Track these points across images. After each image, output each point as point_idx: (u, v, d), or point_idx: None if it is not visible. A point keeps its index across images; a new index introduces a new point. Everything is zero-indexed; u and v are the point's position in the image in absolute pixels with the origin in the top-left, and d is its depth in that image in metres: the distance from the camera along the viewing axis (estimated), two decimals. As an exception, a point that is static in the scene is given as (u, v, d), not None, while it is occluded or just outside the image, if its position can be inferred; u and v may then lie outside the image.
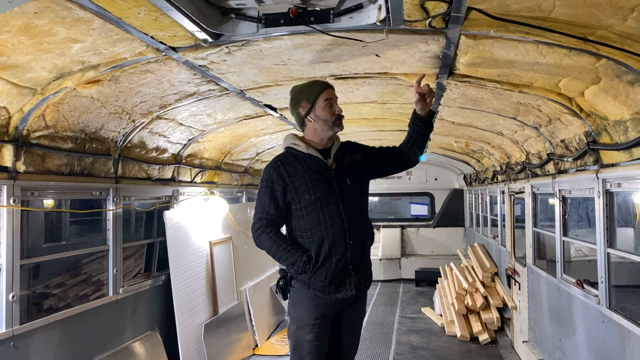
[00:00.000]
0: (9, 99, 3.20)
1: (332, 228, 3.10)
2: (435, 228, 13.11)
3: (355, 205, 3.22)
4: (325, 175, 3.16)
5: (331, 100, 3.18)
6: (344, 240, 3.10)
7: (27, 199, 3.76)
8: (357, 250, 3.17)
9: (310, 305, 3.16)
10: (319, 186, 3.12)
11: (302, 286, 3.18)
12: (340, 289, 3.14)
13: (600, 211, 3.85)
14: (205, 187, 6.73)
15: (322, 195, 3.11)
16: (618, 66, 2.77)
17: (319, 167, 3.18)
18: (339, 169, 3.22)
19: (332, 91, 3.23)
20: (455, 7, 2.44)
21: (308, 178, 3.13)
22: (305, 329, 3.17)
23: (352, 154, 3.36)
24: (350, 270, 3.15)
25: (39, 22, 2.48)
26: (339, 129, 3.23)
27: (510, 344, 7.40)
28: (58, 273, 4.87)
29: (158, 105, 4.27)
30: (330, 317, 3.24)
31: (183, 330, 5.55)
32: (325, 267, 3.09)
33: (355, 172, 3.29)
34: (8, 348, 3.51)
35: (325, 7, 2.73)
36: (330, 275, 3.10)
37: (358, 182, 3.29)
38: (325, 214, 3.10)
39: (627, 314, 3.55)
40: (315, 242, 3.10)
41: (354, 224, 3.16)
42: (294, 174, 3.14)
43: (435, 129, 6.62)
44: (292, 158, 3.21)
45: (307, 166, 3.17)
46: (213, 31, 2.85)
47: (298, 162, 3.19)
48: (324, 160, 3.21)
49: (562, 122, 4.11)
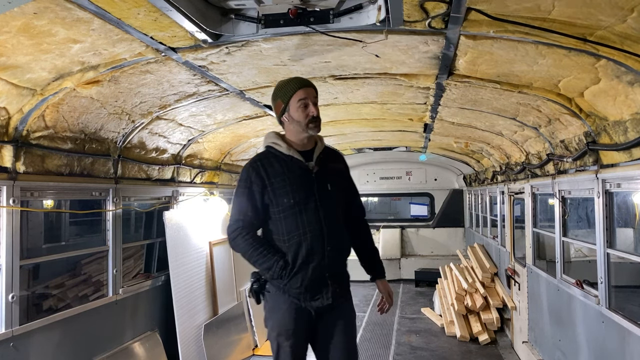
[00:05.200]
0: (8, 99, 3.20)
1: (311, 233, 2.98)
2: (435, 228, 13.10)
3: (335, 213, 3.11)
4: (305, 179, 3.04)
5: (306, 100, 3.01)
6: (321, 246, 2.99)
7: (26, 200, 3.76)
8: (335, 258, 3.06)
9: (288, 311, 3.06)
10: (298, 189, 3.00)
11: (278, 291, 3.07)
12: (316, 296, 3.04)
13: (599, 211, 3.85)
14: (205, 187, 6.72)
15: (302, 199, 2.99)
16: (617, 66, 2.77)
17: (300, 170, 3.05)
18: (321, 173, 3.09)
19: (309, 90, 3.05)
20: (455, 8, 2.44)
21: (288, 180, 3.01)
22: (285, 335, 3.07)
23: (336, 162, 3.25)
24: (327, 278, 3.04)
25: (39, 22, 2.48)
26: (313, 132, 3.06)
27: (510, 344, 7.40)
28: (58, 273, 4.86)
29: (158, 105, 4.27)
30: (310, 322, 3.12)
31: (183, 330, 5.54)
32: (302, 273, 2.98)
33: (337, 179, 3.18)
34: (7, 349, 3.51)
35: (325, 8, 2.73)
36: (307, 282, 3.00)
37: (339, 190, 3.17)
38: (304, 218, 2.99)
39: (626, 314, 3.55)
40: (293, 247, 2.99)
41: (333, 231, 3.05)
42: (273, 176, 3.02)
43: (435, 130, 6.63)
44: (272, 158, 3.08)
45: (288, 168, 3.04)
46: (213, 32, 2.85)
47: (278, 162, 3.05)
48: (305, 163, 3.07)
49: (562, 122, 4.11)
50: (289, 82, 3.08)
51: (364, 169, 13.06)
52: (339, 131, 7.21)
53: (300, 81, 3.07)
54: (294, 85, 3.04)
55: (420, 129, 6.82)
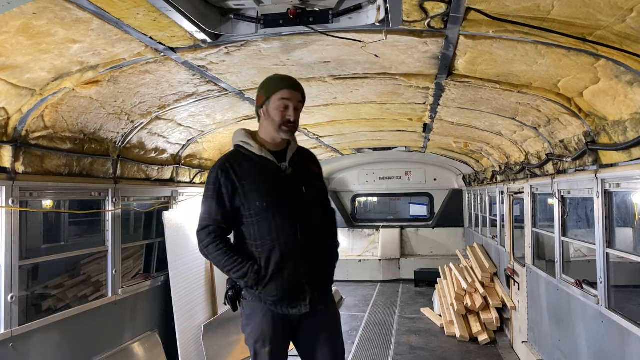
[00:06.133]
0: (7, 99, 3.20)
1: (284, 238, 2.83)
2: (435, 228, 13.11)
3: (311, 216, 2.94)
4: (278, 181, 2.90)
5: (288, 101, 2.86)
6: (296, 252, 2.85)
7: (26, 200, 3.76)
8: (313, 263, 2.91)
9: (265, 318, 2.91)
10: (270, 192, 2.86)
11: (254, 299, 2.92)
12: (293, 304, 2.89)
13: (599, 211, 3.86)
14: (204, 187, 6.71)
15: (274, 202, 2.84)
16: (617, 66, 2.77)
17: (272, 172, 2.90)
18: (295, 175, 2.94)
19: (295, 94, 2.89)
20: (454, 8, 2.44)
21: (259, 182, 2.87)
22: (262, 342, 2.92)
23: (310, 163, 3.12)
24: (304, 285, 2.88)
25: (38, 22, 2.47)
26: (284, 135, 2.91)
27: (509, 344, 7.40)
28: (57, 274, 4.86)
29: (157, 105, 4.27)
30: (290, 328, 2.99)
31: (182, 331, 5.54)
32: (276, 281, 2.84)
33: (312, 182, 3.03)
34: (7, 349, 3.51)
35: (324, 8, 2.73)
36: (281, 291, 2.85)
37: (314, 193, 3.02)
38: (277, 222, 2.83)
39: (626, 314, 3.55)
40: (265, 253, 2.84)
41: (309, 235, 2.89)
42: (243, 177, 2.86)
43: (435, 129, 6.63)
44: (242, 159, 2.91)
45: (259, 169, 2.89)
46: (212, 32, 2.85)
47: (248, 163, 2.90)
48: (277, 164, 2.92)
49: (561, 122, 4.12)
50: (278, 78, 2.97)
51: (363, 169, 13.05)
52: (338, 131, 7.21)
53: (290, 82, 2.94)
54: (281, 83, 2.91)
55: (419, 129, 6.82)
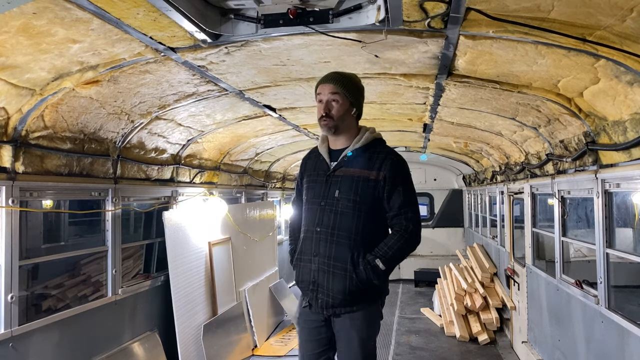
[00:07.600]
0: (7, 99, 3.19)
1: (307, 234, 2.98)
2: (435, 228, 13.11)
3: (338, 221, 2.86)
4: (320, 181, 2.99)
5: (319, 96, 2.93)
6: (310, 250, 2.94)
7: (25, 200, 3.75)
8: (324, 269, 2.86)
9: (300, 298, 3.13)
10: (313, 189, 3.01)
11: None
12: (306, 297, 2.99)
13: (599, 211, 3.86)
14: (204, 187, 6.72)
15: (311, 198, 3.00)
16: (617, 66, 2.77)
17: (322, 170, 3.02)
18: (335, 177, 2.93)
19: (324, 86, 2.90)
20: (454, 8, 2.44)
21: (309, 178, 3.07)
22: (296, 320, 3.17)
23: (369, 166, 2.90)
24: (314, 284, 2.90)
25: (38, 22, 2.47)
26: (323, 130, 2.97)
27: (509, 344, 7.40)
28: (57, 274, 4.86)
29: (157, 105, 4.27)
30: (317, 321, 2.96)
31: (182, 331, 5.54)
32: (298, 267, 3.03)
33: (353, 186, 2.88)
34: (7, 349, 3.51)
35: (324, 8, 2.73)
36: (299, 280, 3.02)
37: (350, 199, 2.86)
38: (309, 217, 3.00)
39: (626, 314, 3.55)
40: (300, 241, 3.07)
41: (327, 240, 2.86)
42: (306, 171, 3.13)
43: (435, 129, 6.63)
44: (313, 154, 3.17)
45: (315, 166, 3.08)
46: (212, 31, 2.84)
47: (313, 159, 3.13)
48: (327, 163, 3.01)
49: (561, 122, 4.12)
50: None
51: (363, 169, 13.01)
52: (338, 131, 7.20)
53: (322, 78, 2.98)
54: (318, 83, 2.99)
55: (419, 129, 6.82)
